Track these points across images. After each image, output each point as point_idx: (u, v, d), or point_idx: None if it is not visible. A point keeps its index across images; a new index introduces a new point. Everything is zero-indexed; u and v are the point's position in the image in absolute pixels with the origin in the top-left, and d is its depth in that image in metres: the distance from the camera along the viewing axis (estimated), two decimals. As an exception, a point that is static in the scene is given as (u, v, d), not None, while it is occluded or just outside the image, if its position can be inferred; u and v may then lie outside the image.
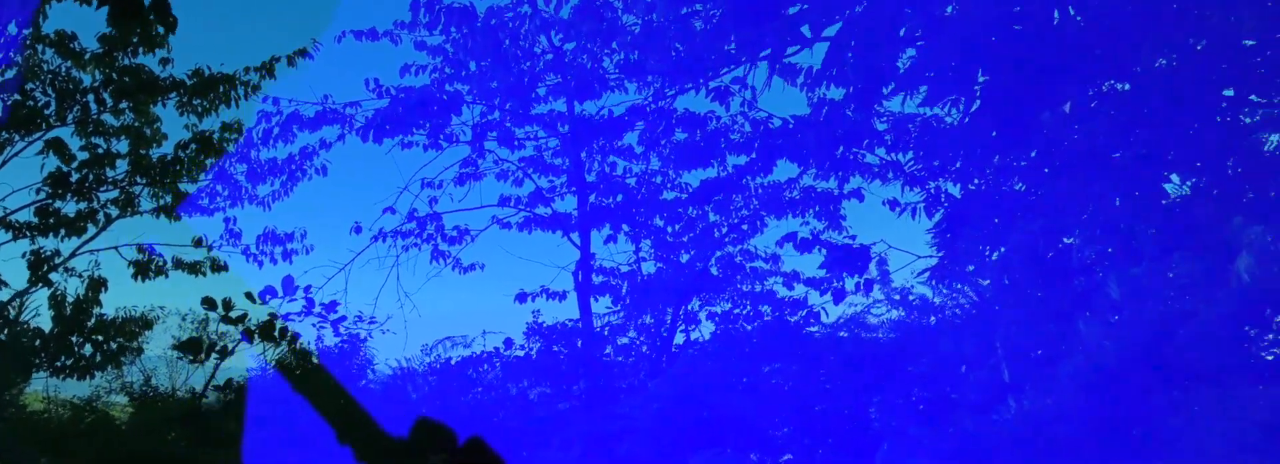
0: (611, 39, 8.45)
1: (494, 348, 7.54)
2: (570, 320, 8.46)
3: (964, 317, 6.80)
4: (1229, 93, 6.14)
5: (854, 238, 10.02)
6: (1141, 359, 5.44)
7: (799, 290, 10.32)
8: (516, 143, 9.56)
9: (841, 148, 9.39)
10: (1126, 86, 6.35)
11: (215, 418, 7.55)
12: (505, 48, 8.53)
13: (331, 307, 8.22)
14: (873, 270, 8.93)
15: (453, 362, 7.49)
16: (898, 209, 9.12)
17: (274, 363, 8.15)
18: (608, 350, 8.41)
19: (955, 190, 8.49)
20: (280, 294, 7.97)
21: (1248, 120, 6.12)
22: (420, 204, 9.62)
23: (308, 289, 8.21)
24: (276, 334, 7.87)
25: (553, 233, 9.82)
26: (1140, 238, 5.90)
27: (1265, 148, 6.06)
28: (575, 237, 9.75)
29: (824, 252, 9.83)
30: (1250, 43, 5.97)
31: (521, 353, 7.73)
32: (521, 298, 9.40)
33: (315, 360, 8.58)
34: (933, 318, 7.05)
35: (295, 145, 9.35)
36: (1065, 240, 6.61)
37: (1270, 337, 5.54)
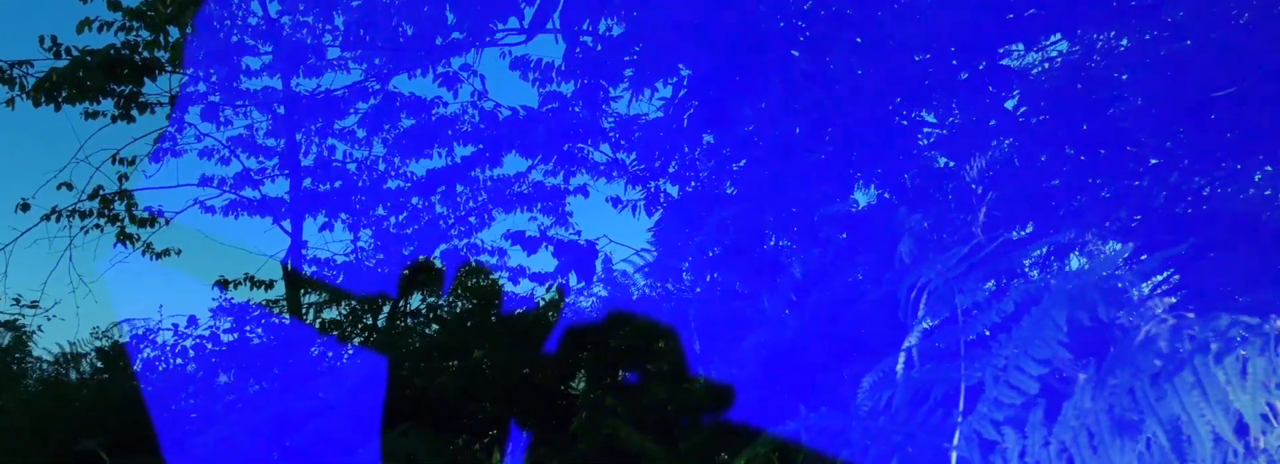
0: (332, 12, 8.03)
1: (173, 326, 6.89)
2: (267, 302, 7.92)
3: (665, 298, 7.10)
4: (897, 99, 6.84)
5: (579, 233, 10.27)
6: (816, 335, 5.91)
7: (524, 286, 10.40)
8: (223, 118, 8.82)
9: (568, 144, 9.61)
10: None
11: None
12: (212, 12, 7.85)
13: (-21, 287, 7.13)
14: (599, 268, 9.17)
15: (127, 345, 6.75)
16: (620, 206, 9.48)
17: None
18: (314, 342, 7.94)
19: (674, 191, 8.91)
20: (-90, 270, 6.81)
21: (923, 142, 6.84)
22: (105, 180, 8.61)
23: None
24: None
25: (262, 218, 9.17)
26: (831, 241, 6.42)
27: (936, 165, 6.79)
28: (287, 223, 9.16)
29: (550, 247, 9.99)
30: (923, 56, 6.60)
31: (207, 334, 7.11)
32: (222, 285, 8.71)
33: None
34: (636, 297, 7.30)
35: (-51, 109, 8.09)
36: (768, 244, 7.08)
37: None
